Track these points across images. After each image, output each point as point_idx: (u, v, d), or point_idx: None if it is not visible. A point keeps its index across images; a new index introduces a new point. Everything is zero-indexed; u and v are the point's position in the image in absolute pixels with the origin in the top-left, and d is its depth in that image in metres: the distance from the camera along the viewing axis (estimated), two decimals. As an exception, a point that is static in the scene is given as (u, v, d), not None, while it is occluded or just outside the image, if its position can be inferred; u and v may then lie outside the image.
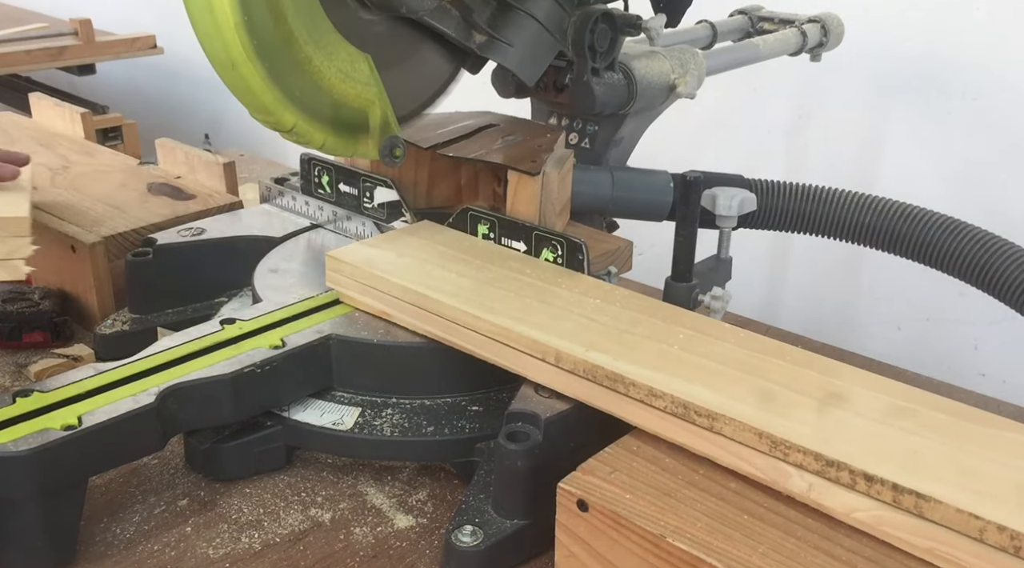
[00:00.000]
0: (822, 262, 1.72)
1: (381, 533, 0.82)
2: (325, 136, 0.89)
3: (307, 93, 0.86)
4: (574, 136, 1.14)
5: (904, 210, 1.06)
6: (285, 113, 0.85)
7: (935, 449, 0.67)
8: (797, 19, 1.39)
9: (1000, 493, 0.62)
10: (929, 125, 1.58)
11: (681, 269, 0.87)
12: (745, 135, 1.80)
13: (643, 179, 1.10)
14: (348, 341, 0.89)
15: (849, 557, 0.64)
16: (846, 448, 0.66)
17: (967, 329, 1.58)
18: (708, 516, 0.67)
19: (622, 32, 1.05)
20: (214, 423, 0.86)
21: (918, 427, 0.70)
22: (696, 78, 1.14)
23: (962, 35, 1.50)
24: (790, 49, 1.35)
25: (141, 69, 2.58)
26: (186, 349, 0.86)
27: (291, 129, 0.87)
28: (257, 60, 0.81)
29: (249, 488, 0.87)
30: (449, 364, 0.88)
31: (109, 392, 0.80)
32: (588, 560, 0.71)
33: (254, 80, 0.82)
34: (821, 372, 0.77)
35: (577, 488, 0.70)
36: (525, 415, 0.78)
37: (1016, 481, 0.64)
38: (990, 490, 0.63)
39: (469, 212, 0.99)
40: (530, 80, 1.01)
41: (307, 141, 0.89)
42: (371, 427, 0.86)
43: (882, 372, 1.11)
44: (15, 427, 0.74)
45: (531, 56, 0.99)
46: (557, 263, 0.93)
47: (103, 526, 0.81)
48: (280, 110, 0.85)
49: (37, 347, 1.08)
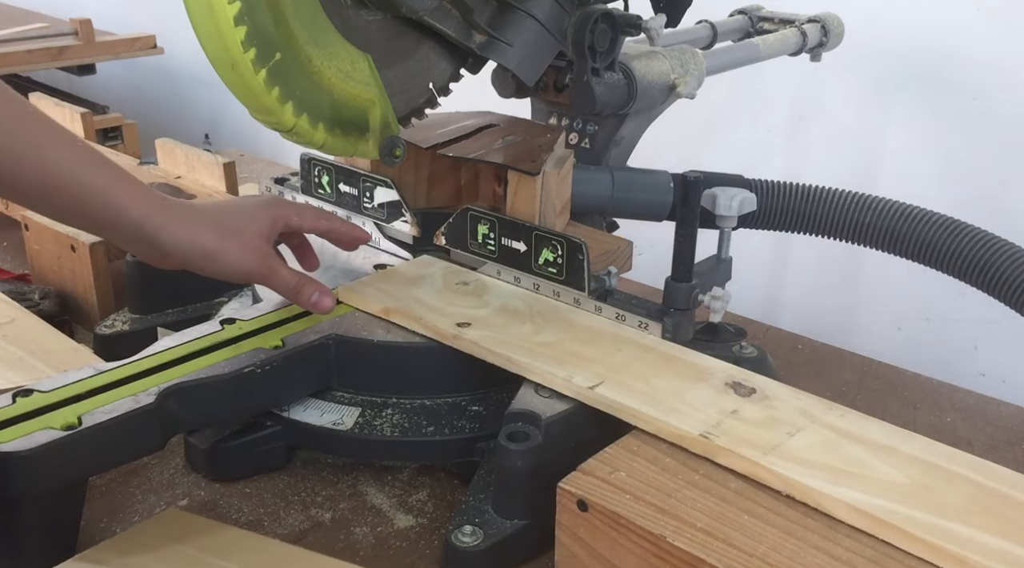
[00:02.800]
0: (822, 262, 1.72)
1: (381, 533, 0.82)
2: (325, 136, 0.89)
3: (307, 93, 0.86)
4: (574, 136, 1.14)
5: (904, 210, 1.06)
6: (286, 113, 0.85)
7: None
8: (797, 19, 1.39)
9: None
10: (929, 125, 1.58)
11: (681, 269, 0.87)
12: (745, 135, 1.79)
13: (643, 179, 1.10)
14: (348, 341, 0.89)
15: (849, 557, 0.64)
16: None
17: (967, 329, 1.58)
18: (708, 516, 0.67)
19: (622, 32, 1.05)
20: (214, 423, 0.86)
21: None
22: (696, 78, 1.14)
23: (962, 35, 1.50)
24: (790, 49, 1.35)
25: (141, 69, 2.58)
26: (186, 349, 0.86)
27: (291, 129, 0.87)
28: (257, 60, 0.81)
29: (249, 488, 0.87)
30: (449, 364, 0.88)
31: (109, 392, 0.80)
32: (588, 560, 0.71)
33: (254, 80, 0.82)
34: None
35: (577, 488, 0.70)
36: (525, 415, 0.78)
37: None
38: None
39: (469, 212, 0.98)
40: (530, 80, 1.01)
41: (307, 141, 0.89)
42: (371, 427, 0.86)
43: (882, 372, 1.12)
44: (15, 427, 0.74)
45: (531, 56, 0.99)
46: (557, 262, 0.93)
47: (103, 526, 0.81)
48: (281, 110, 0.85)
49: (37, 347, 1.08)
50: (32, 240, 1.18)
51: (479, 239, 0.99)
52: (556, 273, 0.93)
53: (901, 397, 1.06)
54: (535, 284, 0.95)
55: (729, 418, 0.76)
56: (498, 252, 0.97)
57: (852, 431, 0.75)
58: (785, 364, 1.11)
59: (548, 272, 0.94)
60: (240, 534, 0.78)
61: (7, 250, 1.36)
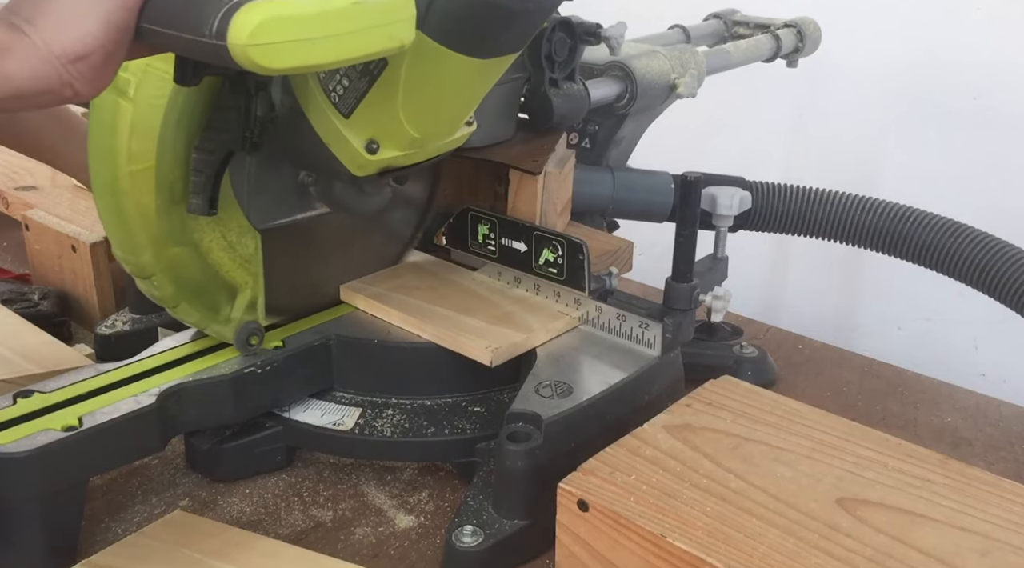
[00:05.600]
0: (822, 262, 1.72)
1: (382, 533, 0.82)
2: (181, 299, 0.83)
3: (182, 249, 0.81)
4: (575, 136, 1.14)
5: (904, 212, 1.06)
6: (150, 260, 0.79)
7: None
8: (773, 24, 1.34)
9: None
10: (929, 125, 1.58)
11: (682, 269, 0.87)
12: (745, 135, 1.80)
13: (644, 179, 1.10)
14: (349, 341, 0.89)
15: (849, 557, 0.64)
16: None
17: (967, 329, 1.58)
18: (709, 516, 0.67)
19: (581, 40, 1.01)
20: (215, 423, 0.86)
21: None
22: (696, 78, 1.14)
23: (962, 35, 1.50)
24: (763, 55, 1.31)
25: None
26: (187, 349, 0.86)
27: (148, 277, 0.81)
28: (143, 195, 0.75)
29: (250, 488, 0.87)
30: (450, 364, 0.88)
31: (110, 393, 0.80)
32: (588, 560, 0.71)
33: (133, 215, 0.76)
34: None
35: (578, 488, 0.70)
36: (526, 415, 0.78)
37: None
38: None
39: (470, 212, 0.98)
40: (508, 135, 0.99)
41: (159, 296, 0.82)
42: (372, 427, 0.86)
43: (882, 372, 1.12)
44: (16, 428, 0.74)
45: (501, 120, 0.97)
46: (557, 263, 0.93)
47: (104, 526, 0.81)
48: (147, 255, 0.79)
49: (38, 347, 1.08)
50: (33, 240, 1.18)
51: (479, 239, 0.98)
52: (557, 273, 0.93)
53: (901, 397, 1.06)
54: (536, 284, 0.95)
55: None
56: (499, 252, 0.97)
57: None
58: (785, 364, 1.11)
59: (549, 272, 0.94)
60: (246, 536, 0.78)
61: (7, 250, 1.36)
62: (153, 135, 0.74)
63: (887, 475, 0.72)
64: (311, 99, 0.74)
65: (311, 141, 0.76)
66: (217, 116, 0.75)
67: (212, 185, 0.75)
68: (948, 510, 0.68)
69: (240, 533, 0.78)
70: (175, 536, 0.77)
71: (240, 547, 0.76)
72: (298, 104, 0.75)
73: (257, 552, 0.76)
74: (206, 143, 0.74)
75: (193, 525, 0.79)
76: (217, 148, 0.74)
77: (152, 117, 0.74)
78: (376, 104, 0.72)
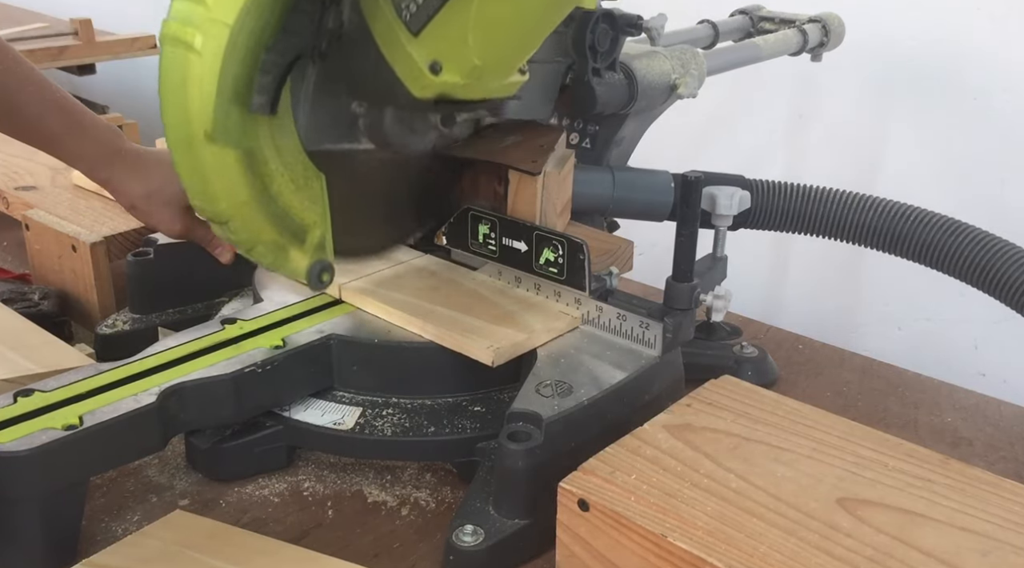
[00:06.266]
0: (822, 262, 1.72)
1: (382, 533, 0.82)
2: (257, 241, 0.83)
3: (255, 192, 0.81)
4: (575, 136, 1.14)
5: (904, 210, 1.06)
6: (226, 205, 0.79)
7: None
8: (798, 19, 1.39)
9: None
10: (929, 125, 1.58)
11: (682, 269, 0.87)
12: (745, 135, 1.80)
13: (644, 179, 1.10)
14: (349, 341, 0.89)
15: (849, 557, 0.64)
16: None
17: (967, 329, 1.58)
18: (709, 516, 0.67)
19: (623, 32, 1.04)
20: (215, 423, 0.86)
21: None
22: (697, 78, 1.14)
23: (962, 35, 1.50)
24: (791, 49, 1.35)
25: (141, 69, 2.57)
26: (187, 349, 0.86)
27: (225, 222, 0.81)
28: (216, 145, 0.76)
29: (250, 488, 0.87)
30: (450, 364, 0.88)
31: (110, 392, 0.80)
32: (589, 560, 0.71)
33: (210, 164, 0.77)
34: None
35: (578, 488, 0.70)
36: (526, 415, 0.78)
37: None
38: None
39: (470, 212, 0.98)
40: (545, 118, 1.01)
41: (236, 240, 0.82)
42: (372, 427, 0.86)
43: (882, 372, 1.12)
44: (16, 427, 0.74)
45: (541, 99, 0.99)
46: (558, 263, 0.93)
47: (104, 526, 0.81)
48: (222, 202, 0.79)
49: (38, 347, 1.08)
50: (33, 240, 1.18)
51: (480, 239, 0.98)
52: (557, 273, 0.93)
53: (901, 397, 1.06)
54: (536, 284, 0.95)
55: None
56: (499, 252, 0.97)
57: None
58: (785, 364, 1.11)
59: (549, 272, 0.94)
60: (246, 536, 0.78)
61: (7, 250, 1.36)
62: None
63: (887, 475, 0.72)
64: (380, 17, 0.77)
65: (374, 62, 0.78)
66: (292, 18, 0.77)
67: (276, 86, 0.77)
68: (948, 510, 0.69)
69: (240, 533, 0.78)
70: (175, 536, 0.77)
71: (240, 547, 0.76)
72: (365, 24, 0.78)
73: (257, 552, 0.76)
74: (278, 44, 0.76)
75: (193, 525, 0.79)
76: (287, 50, 0.76)
77: (218, 67, 0.75)
78: (447, 23, 0.74)
